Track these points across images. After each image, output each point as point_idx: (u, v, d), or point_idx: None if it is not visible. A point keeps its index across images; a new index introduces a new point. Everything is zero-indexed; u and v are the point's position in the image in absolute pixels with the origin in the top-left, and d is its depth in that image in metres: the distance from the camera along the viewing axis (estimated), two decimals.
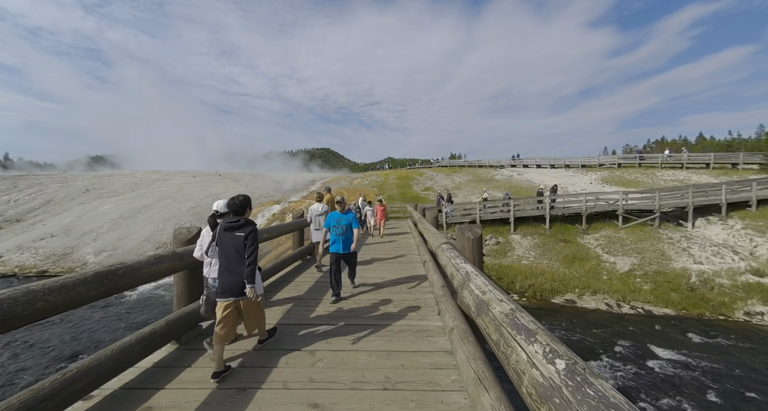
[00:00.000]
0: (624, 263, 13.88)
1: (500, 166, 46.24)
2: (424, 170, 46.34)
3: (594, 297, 12.31)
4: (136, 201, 25.03)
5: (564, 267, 14.26)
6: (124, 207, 23.71)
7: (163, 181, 33.69)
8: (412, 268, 6.83)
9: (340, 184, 39.75)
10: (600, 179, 30.60)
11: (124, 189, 29.09)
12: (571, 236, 17.01)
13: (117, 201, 25.12)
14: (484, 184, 32.39)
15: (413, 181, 35.96)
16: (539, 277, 13.53)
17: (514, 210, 17.95)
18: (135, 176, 37.45)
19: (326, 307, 4.39)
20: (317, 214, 7.26)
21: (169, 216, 22.48)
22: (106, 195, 26.73)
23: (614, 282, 12.87)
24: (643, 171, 33.19)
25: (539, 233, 17.48)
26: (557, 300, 12.52)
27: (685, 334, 9.89)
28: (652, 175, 31.10)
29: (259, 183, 40.48)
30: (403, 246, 9.62)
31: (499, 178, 36.65)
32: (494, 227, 18.32)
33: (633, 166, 35.93)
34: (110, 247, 18.50)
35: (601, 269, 13.85)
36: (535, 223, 18.41)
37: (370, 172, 52.68)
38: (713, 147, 68.39)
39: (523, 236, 17.46)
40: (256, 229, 2.85)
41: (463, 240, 3.80)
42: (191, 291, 3.69)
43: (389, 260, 7.64)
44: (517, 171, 41.78)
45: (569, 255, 15.03)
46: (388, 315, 4.07)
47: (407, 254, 8.29)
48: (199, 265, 3.50)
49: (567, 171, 39.21)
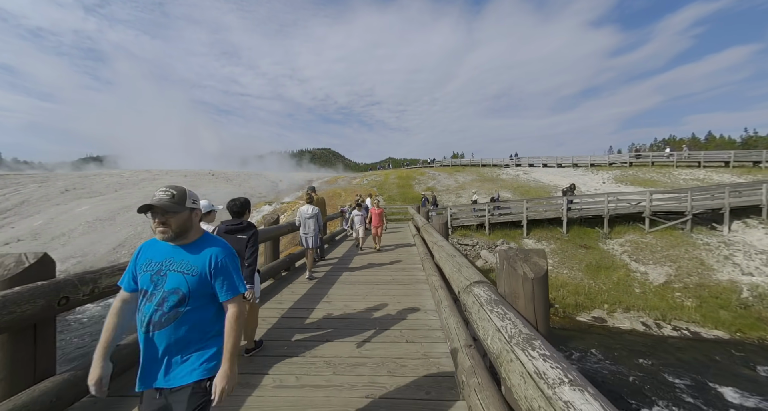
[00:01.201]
0: (658, 274, 12.08)
1: (504, 165, 44.49)
2: (425, 169, 44.57)
3: (627, 314, 10.52)
4: (116, 202, 23.29)
5: (588, 277, 12.46)
6: (102, 208, 21.96)
7: (151, 181, 31.97)
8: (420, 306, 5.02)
9: (338, 183, 38.04)
10: (613, 178, 28.77)
11: (107, 189, 27.36)
12: (592, 241, 15.22)
13: (96, 202, 23.38)
14: (490, 183, 30.61)
15: (415, 180, 34.19)
16: (561, 290, 11.74)
17: (527, 212, 16.15)
18: (123, 176, 35.75)
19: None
20: (307, 217, 6.41)
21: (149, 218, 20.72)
22: (85, 195, 25.00)
23: (649, 296, 11.08)
24: (657, 170, 31.36)
25: (555, 238, 15.69)
26: (584, 317, 10.73)
27: (749, 364, 8.09)
28: (669, 174, 29.27)
29: (252, 182, 38.77)
30: (408, 268, 6.91)
31: (505, 177, 34.86)
32: (505, 231, 16.54)
33: (646, 165, 34.09)
34: (80, 253, 16.75)
35: (632, 281, 12.05)
36: (550, 226, 16.62)
37: (369, 172, 50.98)
38: (727, 145, 66.49)
39: (537, 241, 15.67)
40: (258, 233, 2.88)
41: (515, 281, 2.02)
42: None
43: (389, 298, 5.03)
44: (522, 170, 39.98)
45: (592, 263, 13.23)
46: None
47: (413, 282, 5.79)
48: None
49: (575, 170, 37.40)
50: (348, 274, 6.47)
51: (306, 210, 6.41)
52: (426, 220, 8.16)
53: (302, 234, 6.37)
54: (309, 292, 5.19)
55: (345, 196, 27.65)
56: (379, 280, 5.85)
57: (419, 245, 8.06)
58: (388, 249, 8.92)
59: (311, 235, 6.34)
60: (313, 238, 6.38)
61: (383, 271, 6.69)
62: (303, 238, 6.36)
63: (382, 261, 7.50)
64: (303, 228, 6.36)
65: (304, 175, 49.53)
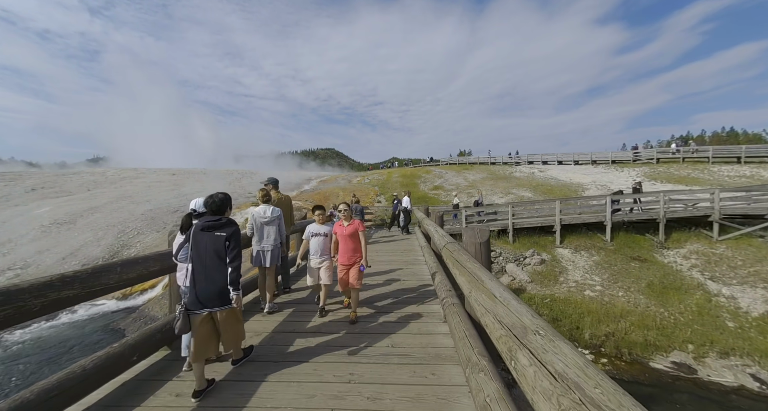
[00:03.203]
0: (751, 299, 9.03)
1: (515, 162, 41.42)
2: (431, 168, 41.62)
3: (726, 362, 7.48)
4: (84, 202, 20.58)
5: (654, 302, 9.43)
6: (65, 210, 19.24)
7: (132, 179, 29.34)
8: None
9: (338, 183, 35.26)
10: (644, 176, 25.55)
11: (79, 188, 24.71)
12: (645, 252, 12.17)
13: (61, 202, 20.69)
14: (503, 182, 27.56)
15: (420, 179, 31.22)
16: (621, 321, 8.72)
17: (560, 215, 13.14)
18: (105, 174, 33.17)
19: None
20: (264, 222, 4.43)
21: (115, 221, 17.97)
22: (52, 195, 22.36)
23: (751, 334, 8.03)
24: (691, 166, 28.13)
25: (597, 247, 12.66)
26: (661, 364, 7.71)
27: None
28: (706, 170, 26.05)
29: (245, 181, 35.97)
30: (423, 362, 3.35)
31: (519, 175, 31.77)
32: (532, 237, 13.54)
33: (675, 161, 30.81)
34: (22, 263, 14.02)
35: (717, 308, 9.01)
36: (588, 232, 13.60)
37: (371, 171, 48.17)
38: (756, 141, 62.72)
39: (574, 251, 12.65)
40: (239, 230, 2.57)
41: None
42: None
43: None
44: (537, 168, 36.88)
45: (655, 282, 10.19)
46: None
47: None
48: None
49: (595, 167, 34.26)
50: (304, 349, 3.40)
51: (262, 211, 4.45)
52: (439, 229, 5.25)
53: (256, 247, 4.38)
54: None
55: (343, 196, 24.70)
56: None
57: (434, 266, 5.14)
58: (378, 287, 5.40)
59: (269, 248, 4.37)
60: (273, 253, 4.42)
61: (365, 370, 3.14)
62: (258, 253, 4.37)
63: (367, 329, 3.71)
64: (258, 238, 4.38)
65: (302, 174, 46.74)
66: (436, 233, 4.92)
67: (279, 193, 5.56)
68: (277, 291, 5.08)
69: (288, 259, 5.48)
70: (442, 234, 4.59)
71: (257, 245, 4.35)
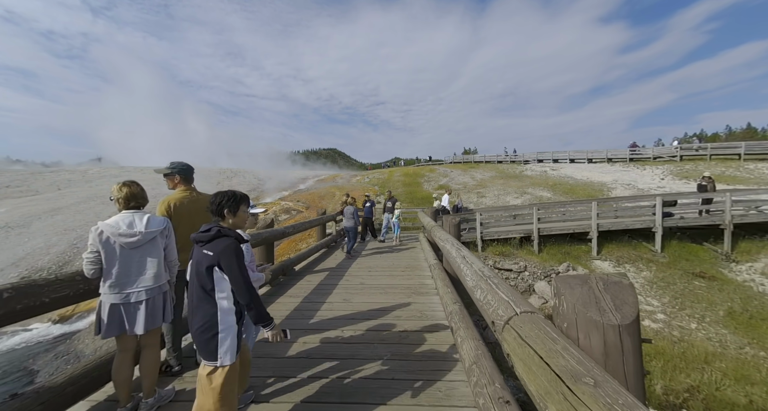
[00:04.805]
0: None
1: (524, 161, 38.99)
2: (435, 166, 39.29)
3: None
4: (47, 203, 18.35)
5: (746, 337, 7.01)
6: (22, 211, 17.00)
7: (112, 178, 27.17)
8: None
9: (336, 182, 33.14)
10: (672, 174, 23.04)
11: (49, 187, 22.51)
12: (708, 266, 9.74)
13: (21, 202, 18.47)
14: (515, 180, 25.14)
15: (423, 178, 28.86)
16: (707, 369, 6.31)
17: (597, 220, 10.71)
18: (86, 173, 31.03)
19: None
20: (130, 244, 2.16)
21: (76, 225, 15.73)
22: (15, 195, 20.17)
23: None
24: (722, 164, 25.56)
25: (645, 259, 10.24)
26: None
27: None
28: (741, 167, 23.52)
29: (235, 181, 33.77)
30: None
31: (530, 174, 29.37)
32: (562, 246, 11.13)
33: (702, 159, 28.21)
34: None
35: None
36: (630, 240, 11.17)
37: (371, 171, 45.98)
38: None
39: (617, 264, 10.24)
40: (237, 245, 1.73)
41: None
42: None
43: None
44: (549, 166, 34.44)
45: (735, 309, 7.76)
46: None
47: None
48: None
49: (612, 165, 31.79)
50: None
51: (124, 225, 2.17)
52: (469, 256, 2.96)
53: (110, 296, 2.11)
54: None
55: (339, 196, 22.36)
56: None
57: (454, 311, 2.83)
58: (354, 358, 3.24)
59: (143, 296, 2.18)
60: (152, 305, 2.22)
61: None
62: (113, 309, 2.11)
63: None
64: (114, 276, 2.11)
65: (299, 173, 44.50)
66: (468, 267, 2.53)
67: (191, 190, 3.17)
68: (171, 368, 2.74)
69: (179, 311, 2.96)
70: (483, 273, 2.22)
71: (112, 291, 2.12)
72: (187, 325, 3.00)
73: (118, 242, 2.11)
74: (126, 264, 2.13)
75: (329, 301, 4.58)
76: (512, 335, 1.37)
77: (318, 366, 2.81)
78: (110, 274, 2.09)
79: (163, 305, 2.31)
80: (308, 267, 6.92)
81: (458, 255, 3.01)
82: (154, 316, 2.23)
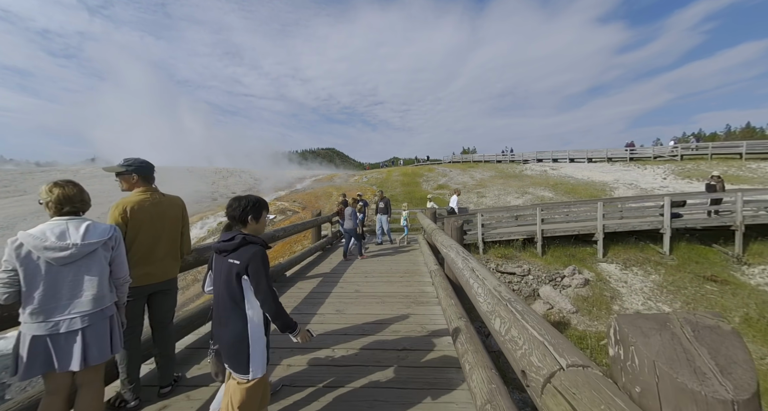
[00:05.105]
0: None
1: (524, 160, 38.67)
2: (434, 166, 38.94)
3: None
4: (33, 204, 17.77)
5: (760, 344, 6.62)
6: (7, 212, 16.48)
7: (103, 177, 26.61)
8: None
9: (333, 182, 32.70)
10: (674, 174, 22.74)
11: (37, 188, 21.86)
12: (718, 269, 9.36)
13: (7, 203, 17.97)
14: (515, 180, 24.78)
15: (422, 178, 28.47)
16: None
17: (603, 221, 10.32)
18: (78, 172, 30.45)
19: None
20: (60, 259, 1.68)
21: None
22: (2, 195, 19.61)
23: None
24: (723, 163, 25.29)
25: (653, 261, 9.86)
26: None
27: None
28: (743, 167, 23.25)
29: (230, 181, 33.23)
30: None
31: (530, 173, 29.03)
32: (566, 248, 10.74)
33: (702, 158, 27.95)
34: None
35: None
36: (637, 242, 10.79)
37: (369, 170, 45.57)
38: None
39: (624, 267, 9.85)
40: (264, 253, 1.70)
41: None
42: None
43: None
44: (549, 165, 34.11)
45: (752, 316, 7.38)
46: None
47: None
48: None
49: (612, 165, 31.49)
50: None
51: (53, 236, 1.69)
52: (478, 267, 2.58)
53: (32, 326, 1.61)
54: None
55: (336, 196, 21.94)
56: None
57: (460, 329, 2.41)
58: (349, 379, 3.04)
59: (79, 323, 1.71)
60: (93, 335, 1.75)
61: None
62: (37, 343, 1.62)
63: None
64: (39, 300, 1.61)
65: (296, 172, 44.00)
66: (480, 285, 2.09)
67: (151, 192, 2.70)
68: (126, 403, 2.28)
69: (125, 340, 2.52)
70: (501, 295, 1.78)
71: (34, 320, 1.66)
72: (148, 353, 2.58)
73: (44, 257, 1.67)
74: (54, 285, 1.69)
75: (320, 313, 4.15)
76: (560, 404, 0.94)
77: (299, 394, 2.37)
78: (31, 298, 1.64)
79: (111, 333, 1.87)
80: (301, 272, 6.48)
81: (465, 267, 2.58)
82: (100, 347, 1.78)
